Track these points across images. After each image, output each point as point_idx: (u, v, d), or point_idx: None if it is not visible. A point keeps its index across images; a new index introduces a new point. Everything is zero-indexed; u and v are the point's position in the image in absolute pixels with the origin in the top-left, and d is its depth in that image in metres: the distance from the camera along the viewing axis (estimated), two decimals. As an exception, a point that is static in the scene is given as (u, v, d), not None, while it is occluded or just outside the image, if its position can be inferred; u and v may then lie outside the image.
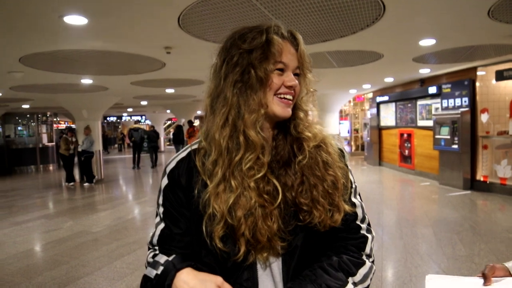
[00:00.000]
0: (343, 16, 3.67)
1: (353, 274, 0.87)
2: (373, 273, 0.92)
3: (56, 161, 14.53)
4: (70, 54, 4.80)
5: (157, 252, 0.90)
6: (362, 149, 14.73)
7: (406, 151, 9.91)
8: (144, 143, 19.46)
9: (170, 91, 9.67)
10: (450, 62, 6.75)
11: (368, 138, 12.00)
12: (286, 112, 0.86)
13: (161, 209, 0.91)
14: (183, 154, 0.92)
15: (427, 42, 4.97)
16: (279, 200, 0.83)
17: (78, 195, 8.47)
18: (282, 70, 0.85)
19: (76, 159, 10.02)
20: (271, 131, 0.90)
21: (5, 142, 14.00)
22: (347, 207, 0.89)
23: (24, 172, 13.79)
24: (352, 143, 15.94)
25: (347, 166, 0.96)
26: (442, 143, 7.76)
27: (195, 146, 0.91)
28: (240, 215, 0.79)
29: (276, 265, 0.86)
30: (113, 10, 3.23)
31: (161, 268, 0.82)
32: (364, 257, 0.92)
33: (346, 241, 0.92)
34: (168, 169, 0.91)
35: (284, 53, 0.85)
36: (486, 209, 6.00)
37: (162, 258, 0.85)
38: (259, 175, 0.82)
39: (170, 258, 0.85)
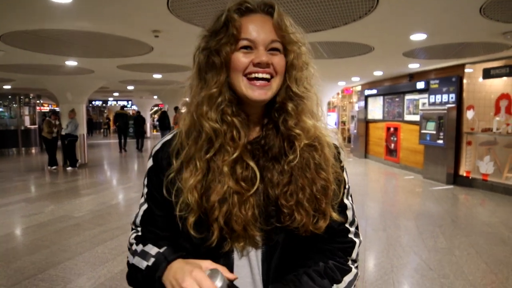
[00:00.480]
0: (336, 6, 3.63)
1: (339, 282, 0.84)
2: (357, 279, 0.90)
3: (39, 144, 14.22)
4: (54, 34, 4.63)
5: (139, 233, 0.89)
6: (349, 141, 14.84)
7: (392, 145, 10.01)
8: (130, 128, 19.30)
9: (157, 76, 9.50)
10: (439, 58, 6.79)
11: (355, 131, 12.08)
12: (259, 95, 0.77)
13: (145, 190, 0.89)
14: (169, 136, 0.89)
15: (418, 37, 4.98)
16: (256, 186, 0.78)
17: (60, 179, 8.30)
18: (248, 48, 0.77)
19: (59, 142, 9.81)
20: (259, 118, 0.85)
21: (-14, 123, 13.62)
22: (335, 215, 0.84)
23: (5, 154, 13.46)
24: (339, 135, 16.02)
25: (343, 167, 0.90)
26: (428, 138, 7.86)
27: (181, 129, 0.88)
28: (213, 200, 0.76)
29: (255, 255, 0.82)
30: (100, -12, 3.11)
31: (152, 259, 0.79)
32: (350, 263, 0.88)
33: (333, 245, 0.88)
34: (153, 151, 0.89)
35: (250, 28, 0.77)
36: (467, 204, 6.12)
37: (152, 249, 0.82)
38: (232, 158, 0.77)
39: (161, 250, 0.81)
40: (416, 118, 8.61)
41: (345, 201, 0.89)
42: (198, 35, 0.85)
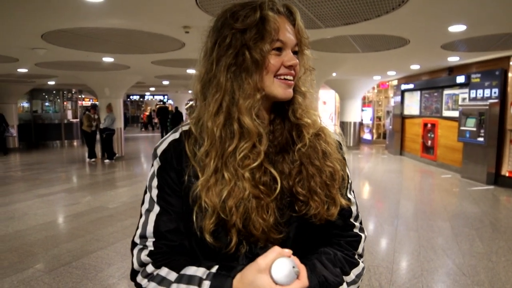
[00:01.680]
0: (367, -2, 3.50)
1: (347, 274, 0.84)
2: (364, 274, 0.89)
3: (80, 137, 14.93)
4: (90, 32, 4.82)
5: (151, 247, 0.78)
6: (384, 137, 14.41)
7: (429, 142, 9.61)
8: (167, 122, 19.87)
9: (191, 71, 9.64)
10: (481, 50, 6.40)
11: (390, 127, 11.70)
12: (288, 93, 0.80)
13: (154, 192, 0.81)
14: (175, 135, 0.84)
15: (457, 28, 4.71)
16: (277, 192, 0.77)
17: (98, 171, 8.68)
18: (280, 49, 0.79)
19: (98, 136, 10.24)
20: (268, 115, 0.85)
21: (33, 117, 14.47)
22: (344, 201, 0.84)
23: (49, 146, 14.27)
24: (374, 130, 15.60)
25: (345, 159, 0.91)
26: (467, 135, 7.46)
27: (186, 128, 0.84)
28: (231, 205, 0.73)
29: None
30: (130, -13, 3.19)
31: (207, 283, 0.70)
32: (356, 257, 0.88)
33: (340, 239, 0.88)
34: (159, 151, 0.83)
35: (281, 30, 0.78)
36: (509, 206, 5.77)
37: (198, 271, 0.73)
38: (255, 164, 0.75)
39: (213, 270, 0.73)
40: (455, 114, 8.20)
41: (348, 195, 0.90)
42: (211, 28, 0.81)
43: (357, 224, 0.91)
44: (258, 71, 0.76)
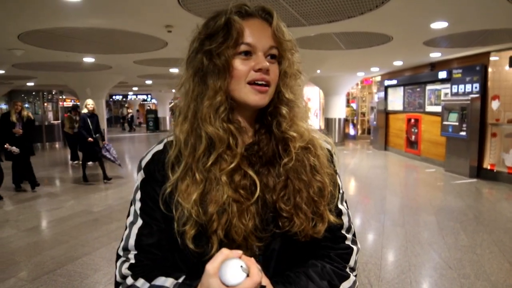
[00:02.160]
0: (351, -4, 3.51)
1: (336, 287, 0.80)
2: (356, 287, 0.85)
3: (62, 139, 14.62)
4: (69, 32, 4.69)
5: (132, 260, 0.78)
6: (369, 132, 14.57)
7: (413, 137, 9.75)
8: (150, 122, 19.67)
9: (174, 70, 9.55)
10: (462, 47, 6.52)
11: (375, 122, 11.83)
12: (260, 100, 0.76)
13: (138, 205, 0.81)
14: (159, 146, 0.83)
15: (439, 25, 4.78)
16: (256, 195, 0.75)
17: (81, 174, 8.49)
18: (248, 54, 0.75)
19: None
20: (252, 124, 0.82)
21: (11, 119, 14.09)
22: (332, 218, 0.81)
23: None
24: (359, 126, 15.76)
25: (336, 172, 0.88)
26: (450, 130, 7.60)
27: (170, 139, 0.82)
28: (212, 211, 0.72)
29: None
30: (110, -14, 3.11)
31: None
32: (348, 270, 0.84)
33: (330, 251, 0.84)
34: (143, 163, 0.82)
35: (249, 32, 0.75)
36: (491, 199, 5.90)
37: (167, 281, 0.73)
38: (231, 167, 0.74)
39: (180, 280, 0.73)
40: (438, 109, 8.34)
41: (340, 206, 0.87)
42: (190, 36, 0.81)
43: (349, 236, 0.87)
44: (222, 76, 0.74)
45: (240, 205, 0.74)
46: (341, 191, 0.88)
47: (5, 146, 6.11)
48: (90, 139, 6.98)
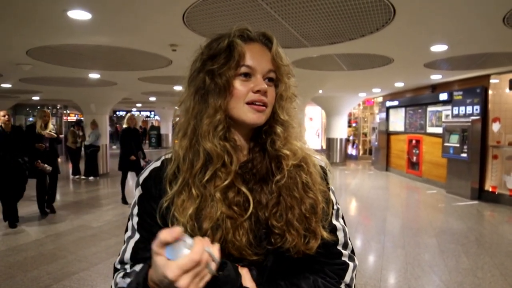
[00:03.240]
0: (352, 19, 3.59)
1: None
2: None
3: (64, 153, 14.65)
4: (76, 49, 4.79)
5: (128, 270, 0.81)
6: (370, 153, 14.56)
7: (414, 158, 9.75)
8: (152, 138, 19.78)
9: (178, 88, 9.66)
10: (462, 69, 6.60)
11: (376, 143, 11.85)
12: (257, 118, 0.80)
13: (135, 220, 0.83)
14: (156, 163, 0.87)
15: (439, 48, 4.86)
16: (249, 212, 0.77)
17: (82, 189, 8.50)
18: (248, 75, 0.80)
19: (82, 152, 10.08)
20: (247, 143, 0.85)
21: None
22: (326, 234, 0.82)
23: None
24: (360, 147, 15.77)
25: (329, 189, 0.90)
26: (451, 151, 7.60)
27: (168, 156, 0.86)
28: (206, 227, 0.74)
29: None
30: (117, 5, 3.19)
31: (134, 273, 0.75)
32: (343, 286, 0.85)
33: (324, 266, 0.85)
34: (141, 179, 0.85)
35: (250, 55, 0.80)
36: (493, 221, 5.85)
37: (138, 266, 0.78)
38: (225, 184, 0.77)
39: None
40: (439, 130, 8.37)
41: (334, 222, 0.88)
42: (191, 56, 0.85)
43: (345, 252, 0.88)
44: (222, 95, 0.78)
45: (234, 221, 0.76)
46: (335, 207, 0.89)
47: (36, 163, 5.38)
48: (132, 157, 6.42)
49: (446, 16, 3.55)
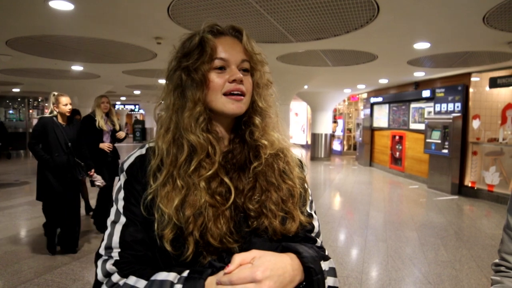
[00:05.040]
0: (337, 15, 3.62)
1: (324, 258, 0.83)
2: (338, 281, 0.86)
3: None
4: (58, 40, 4.70)
5: (117, 257, 0.77)
6: (354, 148, 14.75)
7: (397, 153, 9.92)
8: (137, 132, 19.61)
9: (163, 81, 9.56)
10: (444, 67, 6.74)
11: (360, 138, 12.00)
12: (236, 108, 0.82)
13: (120, 204, 0.82)
14: (141, 150, 0.87)
15: (422, 46, 4.94)
16: (231, 201, 0.79)
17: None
18: (223, 68, 0.83)
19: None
20: (227, 133, 0.89)
21: (-5, 125, 13.83)
22: (303, 218, 0.86)
23: (13, 156, 13.62)
24: (345, 142, 15.95)
25: (304, 179, 0.93)
26: (433, 147, 7.77)
27: (152, 145, 0.87)
28: (188, 214, 0.76)
29: None
30: (101, -4, 3.15)
31: (179, 286, 0.70)
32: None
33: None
34: (125, 166, 0.85)
35: (222, 48, 0.83)
36: (472, 215, 6.02)
37: (169, 276, 0.72)
38: (209, 173, 0.79)
39: (185, 274, 0.72)
40: (422, 126, 8.54)
41: (310, 211, 0.92)
42: (168, 57, 0.88)
43: (319, 240, 0.91)
44: (200, 89, 0.81)
45: (216, 210, 0.78)
46: (310, 198, 0.93)
47: (90, 173, 4.10)
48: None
49: (428, 14, 3.62)
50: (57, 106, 3.80)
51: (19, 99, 14.93)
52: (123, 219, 0.81)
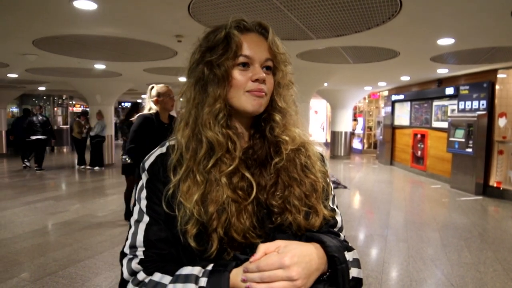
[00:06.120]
0: (358, 11, 3.56)
1: (348, 248, 0.82)
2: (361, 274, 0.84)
3: (70, 144, 14.78)
4: (82, 39, 4.80)
5: (141, 256, 0.79)
6: (375, 147, 14.52)
7: (419, 152, 9.71)
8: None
9: (183, 79, 9.66)
10: (469, 63, 6.54)
11: (381, 137, 11.81)
12: (256, 105, 0.82)
13: (143, 203, 0.84)
14: (162, 149, 0.88)
15: (446, 42, 4.81)
16: (253, 196, 0.79)
17: (87, 178, 8.59)
18: (246, 65, 0.82)
19: (88, 142, 10.16)
20: (247, 130, 0.88)
21: (22, 122, 14.31)
22: (327, 212, 0.85)
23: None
24: (365, 140, 15.72)
25: (326, 173, 0.93)
26: (456, 146, 7.57)
27: (172, 142, 0.87)
28: (212, 211, 0.76)
29: None
30: (123, -5, 3.20)
31: (204, 280, 0.70)
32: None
33: None
34: (147, 165, 0.87)
35: (247, 45, 0.82)
36: (497, 216, 5.84)
37: (194, 270, 0.73)
38: (230, 169, 0.79)
39: (206, 268, 0.73)
40: (445, 125, 8.32)
41: (333, 206, 0.92)
42: (191, 48, 0.87)
43: (342, 235, 0.90)
44: (221, 85, 0.80)
45: (238, 205, 0.78)
46: (332, 193, 0.93)
47: None
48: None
49: (453, 9, 3.51)
50: (161, 101, 3.17)
51: (44, 97, 15.38)
52: (146, 218, 0.83)
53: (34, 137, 9.20)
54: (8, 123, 13.48)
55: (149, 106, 3.30)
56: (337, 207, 0.94)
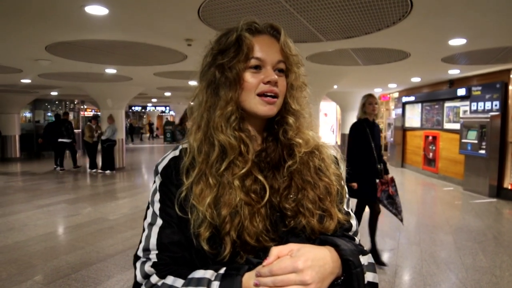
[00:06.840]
0: (368, 13, 3.54)
1: (362, 252, 0.79)
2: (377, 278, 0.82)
3: (82, 148, 14.94)
4: (93, 44, 4.87)
5: (155, 259, 0.79)
6: (385, 149, 14.37)
7: (431, 154, 9.59)
8: (167, 133, 20.10)
9: (193, 83, 9.70)
10: (481, 64, 6.44)
11: (392, 139, 11.70)
12: (268, 110, 0.81)
13: (156, 206, 0.83)
14: (175, 152, 0.88)
15: (457, 42, 4.75)
16: (266, 199, 0.79)
17: (99, 182, 8.67)
18: (258, 67, 0.81)
19: (99, 146, 10.27)
20: (261, 133, 0.88)
21: (35, 127, 14.55)
22: (341, 215, 0.84)
23: (51, 156, 14.25)
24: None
25: (341, 175, 0.91)
26: (469, 148, 7.45)
27: (185, 146, 0.87)
28: (225, 214, 0.75)
29: None
30: (133, 0, 3.23)
31: (217, 283, 0.70)
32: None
33: None
34: (160, 168, 0.87)
35: (259, 47, 0.81)
36: (512, 219, 5.73)
37: (206, 273, 0.73)
38: (243, 172, 0.78)
39: (221, 271, 0.73)
40: (457, 126, 8.21)
41: (347, 209, 0.91)
42: (203, 52, 0.87)
43: (356, 239, 0.89)
44: (233, 88, 0.80)
45: (251, 208, 0.77)
46: (347, 196, 0.91)
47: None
48: None
49: (464, 8, 3.47)
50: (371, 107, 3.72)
51: (56, 102, 15.62)
52: (159, 221, 0.82)
53: (63, 140, 10.36)
54: (22, 127, 13.70)
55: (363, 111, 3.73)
56: (352, 210, 0.93)
